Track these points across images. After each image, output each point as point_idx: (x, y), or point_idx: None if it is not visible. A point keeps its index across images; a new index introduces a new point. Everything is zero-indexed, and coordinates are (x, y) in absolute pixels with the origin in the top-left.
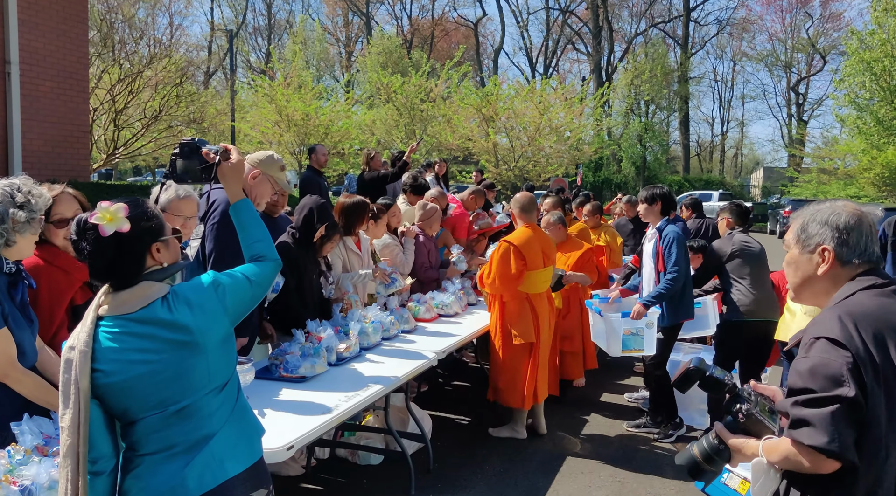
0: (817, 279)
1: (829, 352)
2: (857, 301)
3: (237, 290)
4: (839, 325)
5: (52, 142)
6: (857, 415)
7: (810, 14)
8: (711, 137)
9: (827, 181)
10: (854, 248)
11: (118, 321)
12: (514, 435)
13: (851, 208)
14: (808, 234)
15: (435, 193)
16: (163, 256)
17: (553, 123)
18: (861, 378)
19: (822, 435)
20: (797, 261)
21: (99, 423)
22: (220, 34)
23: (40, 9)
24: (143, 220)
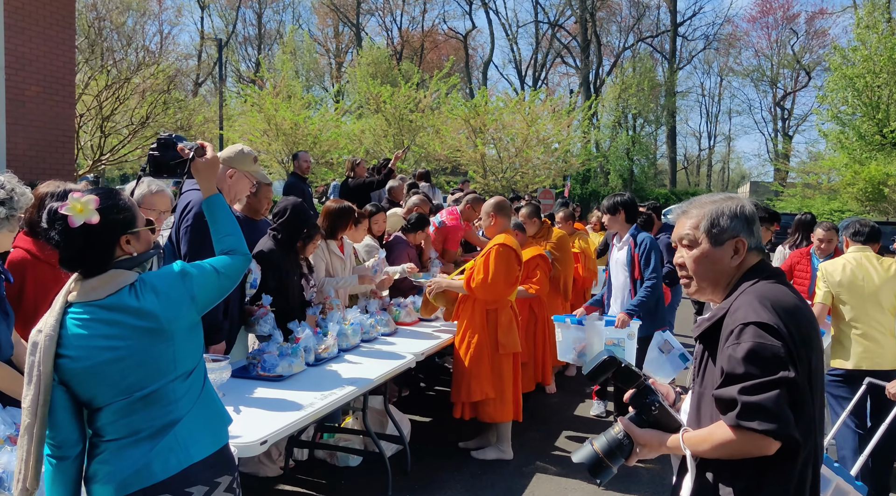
0: (728, 272)
1: (763, 337)
2: (766, 288)
3: (205, 280)
4: (765, 310)
5: (36, 146)
6: (793, 396)
7: (796, 31)
8: (698, 151)
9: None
10: (757, 237)
11: (86, 308)
12: (501, 456)
13: (745, 199)
14: (721, 227)
15: (417, 201)
16: (133, 247)
17: (541, 135)
18: (794, 359)
19: (773, 419)
20: (710, 254)
21: (64, 409)
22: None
23: (27, 14)
24: (113, 213)
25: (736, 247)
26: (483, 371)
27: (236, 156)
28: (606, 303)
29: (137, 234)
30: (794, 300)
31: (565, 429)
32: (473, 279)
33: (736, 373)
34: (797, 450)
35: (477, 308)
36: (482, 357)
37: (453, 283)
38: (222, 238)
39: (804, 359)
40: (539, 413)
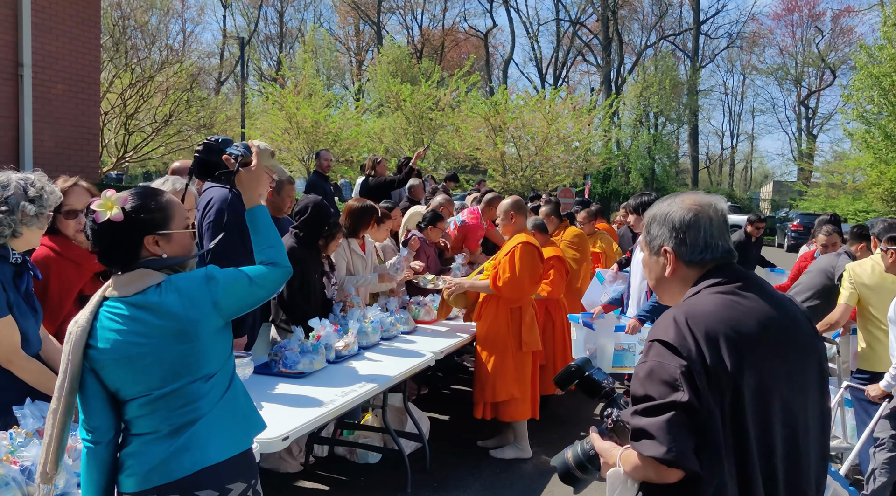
0: (667, 281)
1: (663, 356)
2: (697, 301)
3: (233, 286)
4: (674, 328)
5: (62, 144)
6: (694, 421)
7: (821, 29)
8: (721, 150)
9: (836, 195)
10: (693, 246)
11: (116, 303)
12: (519, 454)
13: (689, 203)
14: (651, 235)
15: (442, 200)
16: (162, 248)
17: (561, 133)
18: (694, 381)
19: (660, 444)
20: (648, 263)
21: (96, 396)
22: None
23: (54, 13)
24: (141, 212)
25: (665, 256)
26: (507, 370)
27: None
28: (626, 304)
29: (168, 236)
30: (732, 314)
31: (584, 431)
32: (500, 278)
33: (637, 394)
34: (699, 482)
35: (501, 307)
36: (506, 356)
37: (477, 284)
38: (263, 250)
39: (725, 380)
40: (558, 414)
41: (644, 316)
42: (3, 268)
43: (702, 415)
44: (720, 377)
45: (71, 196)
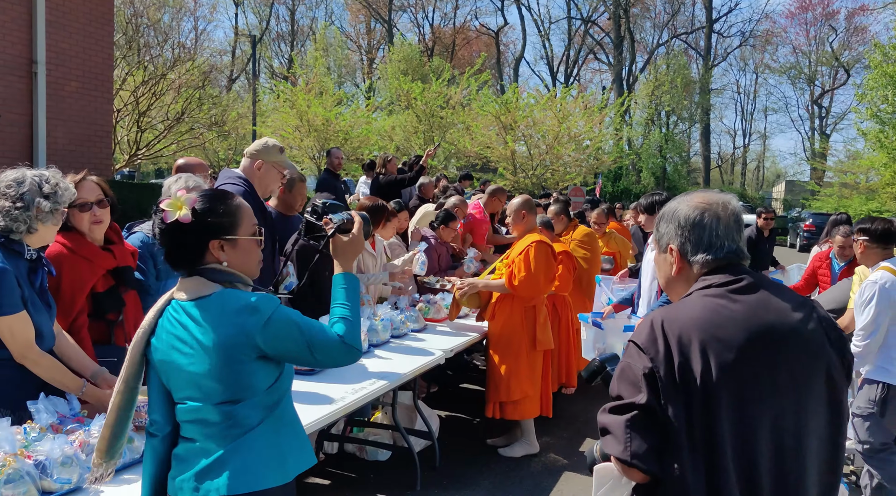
0: (674, 280)
1: (633, 357)
2: (684, 303)
3: (283, 337)
4: (647, 329)
5: (76, 141)
6: (654, 422)
7: (835, 27)
8: (733, 149)
9: (849, 195)
10: (698, 244)
11: (176, 306)
12: (528, 450)
13: (697, 201)
14: (660, 232)
15: (456, 201)
16: (226, 256)
17: (572, 132)
18: (656, 384)
19: (618, 443)
20: (657, 261)
21: (156, 390)
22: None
23: (68, 10)
24: (209, 215)
25: (672, 254)
26: (521, 369)
27: (262, 148)
28: (636, 303)
29: (234, 242)
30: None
31: (594, 430)
32: (515, 277)
33: (611, 392)
34: (657, 483)
35: (516, 306)
36: (520, 355)
37: (491, 283)
38: (336, 321)
39: (693, 386)
40: (568, 412)
41: None
42: (18, 264)
43: (661, 417)
44: (688, 383)
45: (82, 189)
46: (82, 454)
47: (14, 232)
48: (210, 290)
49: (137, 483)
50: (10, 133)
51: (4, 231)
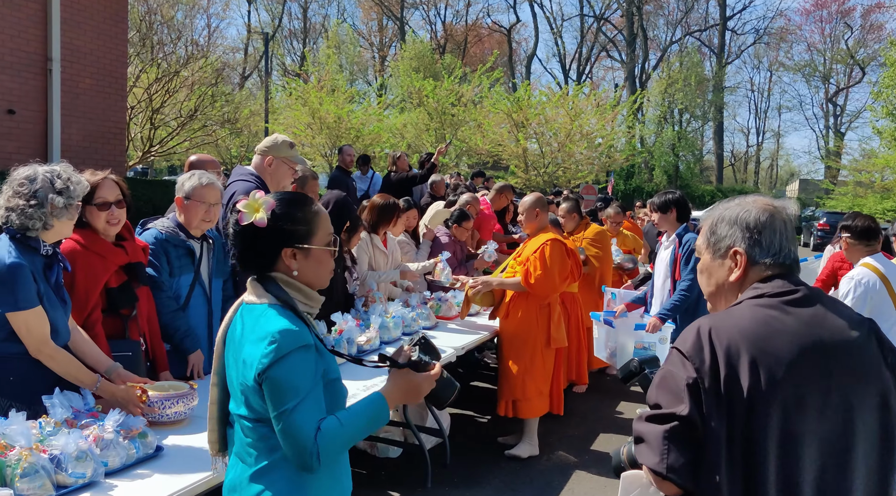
0: (728, 287)
1: (676, 365)
2: (734, 312)
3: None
4: (693, 337)
5: (90, 137)
6: (693, 435)
7: (850, 25)
8: (746, 148)
9: (863, 194)
10: (767, 248)
11: (244, 308)
12: (532, 452)
13: (762, 204)
14: (718, 236)
15: (468, 199)
16: (298, 265)
17: (584, 130)
18: (699, 396)
19: (653, 454)
20: (709, 267)
21: (231, 385)
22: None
23: (82, 8)
24: (285, 221)
25: (735, 258)
26: (536, 367)
27: (273, 144)
28: (649, 303)
29: (307, 251)
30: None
31: (605, 429)
32: (531, 275)
33: (649, 400)
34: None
35: (532, 304)
36: (535, 354)
37: (506, 282)
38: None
39: (739, 401)
40: (578, 410)
41: (665, 314)
42: (33, 260)
43: (702, 431)
44: (733, 397)
45: (102, 188)
46: (97, 449)
47: (30, 229)
48: (260, 300)
49: (151, 478)
50: (26, 130)
51: (20, 228)
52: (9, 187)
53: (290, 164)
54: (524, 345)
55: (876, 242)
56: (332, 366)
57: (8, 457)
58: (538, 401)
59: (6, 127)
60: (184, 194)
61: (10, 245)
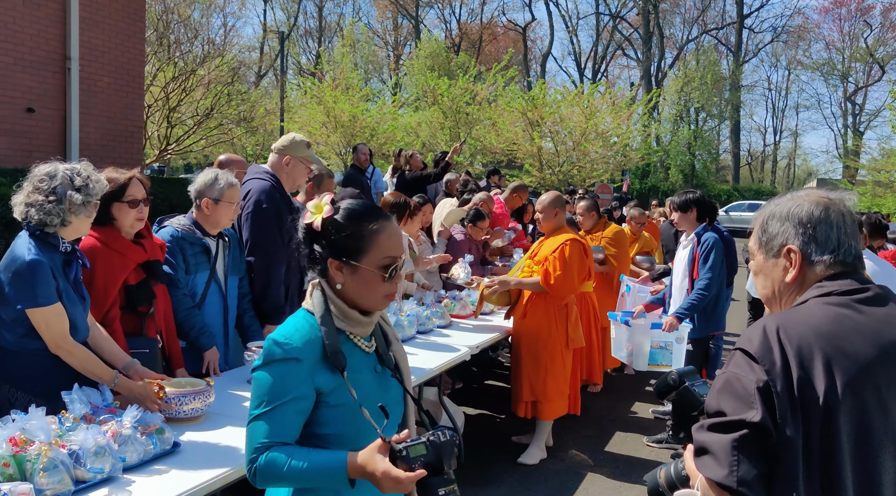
0: (787, 288)
1: (742, 368)
2: (801, 310)
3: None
4: (760, 337)
5: (107, 136)
6: (765, 446)
7: (869, 23)
8: (763, 147)
9: (882, 194)
10: (824, 243)
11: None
12: (541, 456)
13: (816, 197)
14: (770, 234)
15: (483, 196)
16: (344, 279)
17: (599, 128)
18: (772, 400)
19: (721, 466)
20: (763, 268)
21: None
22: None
23: (100, 7)
24: (335, 231)
25: (789, 257)
26: (556, 368)
27: (290, 143)
28: (668, 303)
29: (355, 268)
30: (839, 329)
31: (619, 429)
32: (551, 275)
33: (710, 407)
34: None
35: (550, 305)
36: (555, 354)
37: (524, 282)
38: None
39: (814, 406)
40: (593, 411)
41: (682, 313)
42: (53, 257)
43: (775, 440)
44: (808, 401)
45: (133, 186)
46: (115, 444)
47: (48, 225)
48: (304, 303)
49: (168, 474)
50: (44, 128)
51: (39, 224)
52: (29, 183)
53: (306, 163)
54: (544, 346)
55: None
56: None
57: (28, 451)
58: (559, 402)
59: (25, 125)
60: (214, 197)
61: (30, 242)
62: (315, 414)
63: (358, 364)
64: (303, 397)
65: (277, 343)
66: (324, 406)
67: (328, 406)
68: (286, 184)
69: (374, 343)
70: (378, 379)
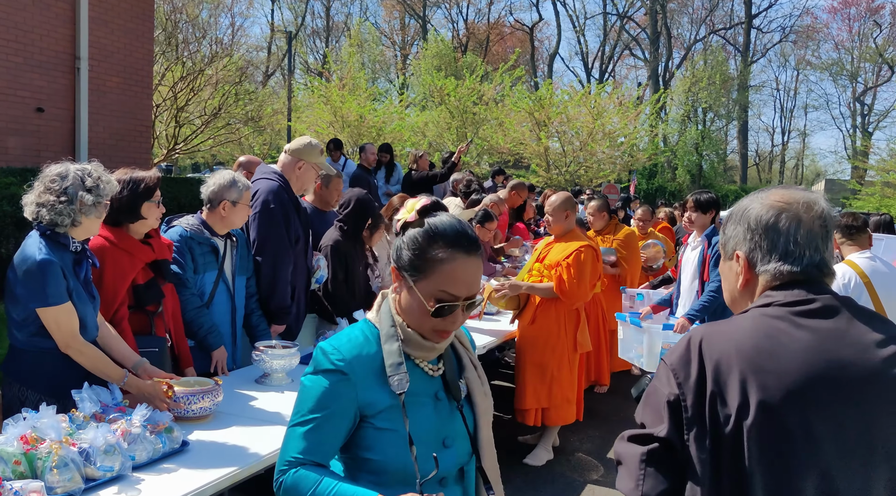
0: (740, 295)
1: (661, 380)
2: (733, 322)
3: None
4: (682, 349)
5: (116, 135)
6: (676, 459)
7: (879, 23)
8: (771, 147)
9: (891, 195)
10: (769, 251)
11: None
12: (548, 457)
13: (772, 199)
14: (726, 236)
15: (494, 198)
16: (401, 290)
17: (606, 128)
18: (680, 416)
19: (630, 479)
20: (723, 271)
21: None
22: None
23: (110, 7)
24: (406, 239)
25: (738, 261)
26: (564, 374)
27: (304, 148)
28: (675, 304)
29: (409, 286)
30: (768, 345)
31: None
32: (565, 282)
33: (636, 418)
34: None
35: (562, 311)
36: (563, 359)
37: (536, 287)
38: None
39: (727, 425)
40: (600, 412)
41: (693, 315)
42: (63, 256)
43: (681, 455)
44: (718, 419)
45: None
46: (124, 443)
47: (59, 225)
48: (366, 314)
49: (177, 472)
50: (54, 127)
51: (50, 224)
52: (40, 183)
53: (317, 169)
54: (552, 352)
55: (861, 239)
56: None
57: (39, 449)
58: (566, 409)
59: (35, 124)
60: (233, 199)
61: (41, 242)
62: (359, 434)
63: (417, 387)
64: (342, 415)
65: (325, 352)
66: (369, 427)
67: (374, 428)
68: (294, 186)
69: (441, 366)
70: (439, 408)
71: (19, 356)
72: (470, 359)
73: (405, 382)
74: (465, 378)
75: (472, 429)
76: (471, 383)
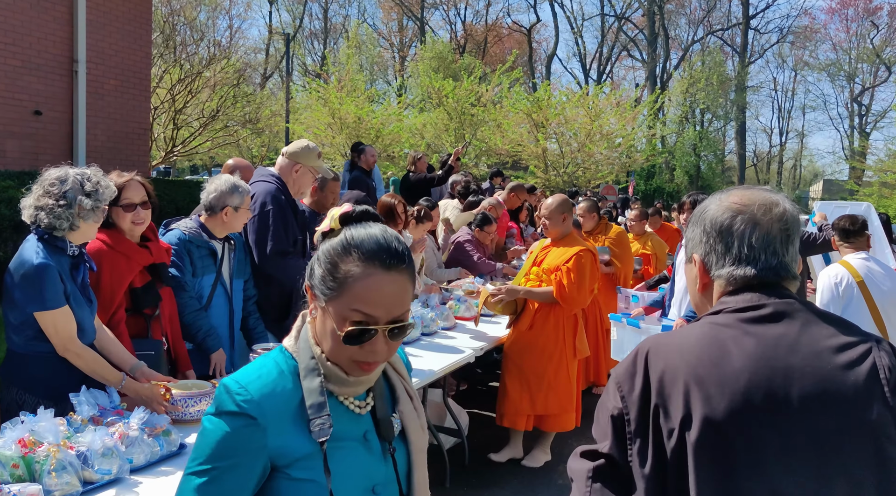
0: (702, 299)
1: (608, 394)
2: (681, 331)
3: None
4: (629, 361)
5: (114, 138)
6: (622, 475)
7: (876, 24)
8: (769, 148)
9: (889, 195)
10: (723, 255)
11: None
12: (546, 459)
13: (731, 201)
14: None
15: (493, 202)
16: (316, 313)
17: (604, 130)
18: (623, 431)
19: (578, 494)
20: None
21: None
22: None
23: (107, 10)
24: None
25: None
26: (562, 382)
27: (302, 151)
28: (667, 305)
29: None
30: (714, 355)
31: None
32: (565, 287)
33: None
34: None
35: (561, 316)
36: (561, 365)
37: (534, 291)
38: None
39: (672, 439)
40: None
41: (692, 316)
42: (60, 260)
43: (625, 472)
44: (661, 433)
45: (129, 190)
46: (122, 446)
47: (57, 229)
48: (283, 341)
49: (174, 475)
50: (52, 130)
51: (48, 228)
52: (39, 187)
53: (314, 172)
54: (549, 358)
55: (859, 241)
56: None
57: (37, 453)
58: (564, 417)
59: (33, 127)
60: (235, 204)
61: (38, 245)
62: (270, 486)
63: (341, 430)
64: (247, 466)
65: (228, 390)
66: (282, 478)
67: (289, 479)
68: (291, 189)
69: (370, 401)
70: (368, 451)
71: (17, 360)
72: (405, 389)
73: (328, 427)
74: (398, 411)
75: (404, 472)
76: (405, 417)
